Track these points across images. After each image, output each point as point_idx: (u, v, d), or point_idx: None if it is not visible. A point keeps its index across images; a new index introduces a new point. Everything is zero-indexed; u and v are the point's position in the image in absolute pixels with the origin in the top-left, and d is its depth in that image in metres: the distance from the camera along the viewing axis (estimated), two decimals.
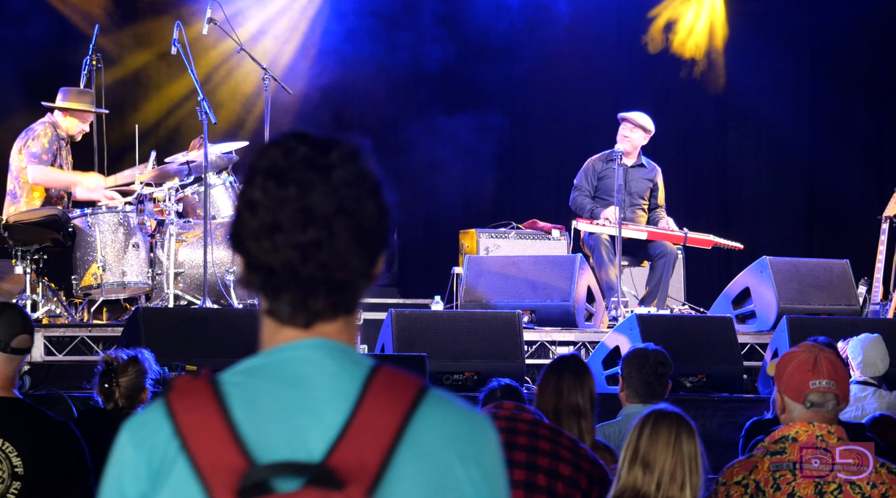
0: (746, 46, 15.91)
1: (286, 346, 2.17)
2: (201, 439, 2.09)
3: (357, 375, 2.15)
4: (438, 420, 2.15)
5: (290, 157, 2.18)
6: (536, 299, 11.24)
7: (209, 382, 2.13)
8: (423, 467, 2.11)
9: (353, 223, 2.17)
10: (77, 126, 11.10)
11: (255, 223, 2.16)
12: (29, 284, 10.53)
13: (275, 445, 2.08)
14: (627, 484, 4.45)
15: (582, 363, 5.61)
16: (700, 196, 16.10)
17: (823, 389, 4.76)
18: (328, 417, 2.11)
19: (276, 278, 2.16)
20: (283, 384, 2.13)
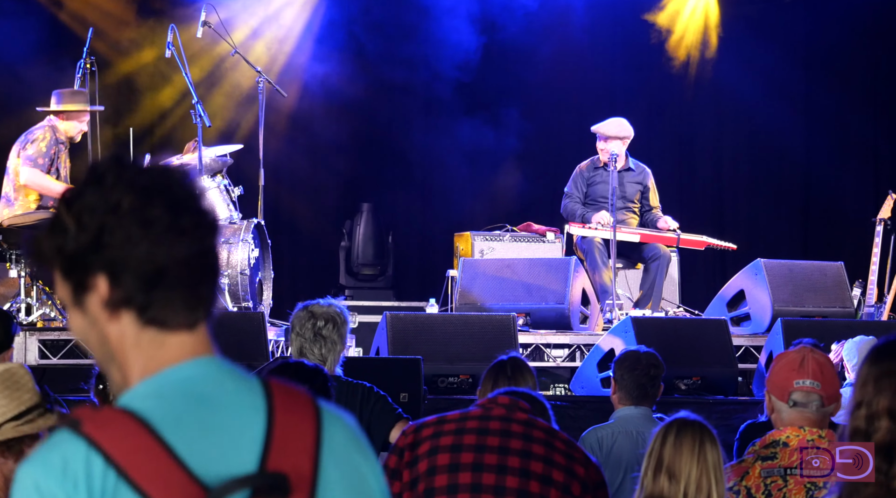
0: (741, 48, 15.91)
1: (176, 368, 2.15)
2: (142, 465, 2.05)
3: (255, 387, 2.16)
4: (337, 426, 2.19)
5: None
6: (531, 302, 11.24)
7: (123, 411, 2.09)
8: (342, 471, 2.15)
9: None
10: (75, 127, 11.09)
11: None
12: (23, 287, 10.52)
13: (211, 462, 2.07)
14: (654, 494, 4.44)
15: (520, 366, 5.55)
16: (695, 199, 16.09)
17: (807, 389, 4.76)
18: (247, 430, 2.11)
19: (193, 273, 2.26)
20: (196, 404, 2.12)
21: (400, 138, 15.20)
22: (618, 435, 6.75)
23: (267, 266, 11.48)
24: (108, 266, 2.13)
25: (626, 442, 6.71)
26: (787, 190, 16.45)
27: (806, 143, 16.31)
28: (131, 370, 2.16)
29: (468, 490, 4.44)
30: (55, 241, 2.15)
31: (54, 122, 11.03)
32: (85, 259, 2.13)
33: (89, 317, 2.17)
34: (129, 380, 2.16)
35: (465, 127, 15.15)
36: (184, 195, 2.17)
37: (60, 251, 2.15)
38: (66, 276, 2.16)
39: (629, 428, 6.77)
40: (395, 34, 14.97)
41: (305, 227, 14.98)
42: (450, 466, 4.48)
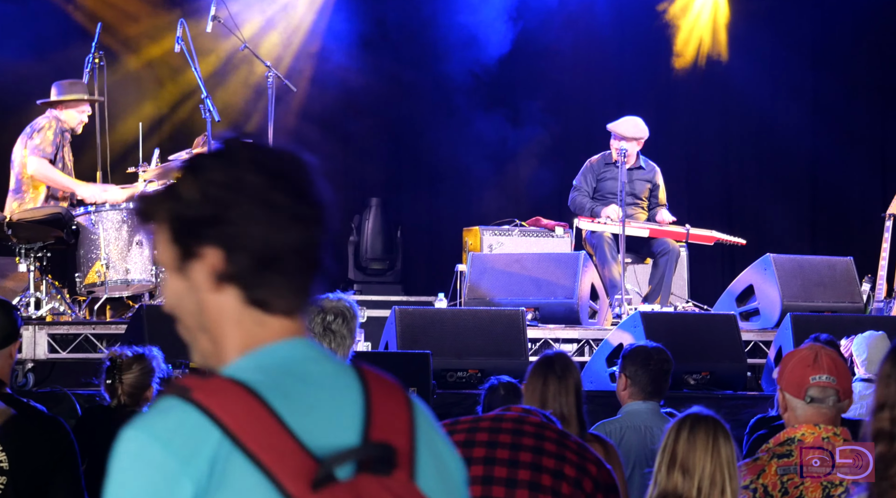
0: (750, 44, 15.89)
1: (275, 347, 2.18)
2: (255, 434, 2.05)
3: (350, 370, 2.20)
4: (422, 411, 2.23)
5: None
6: (540, 297, 11.24)
7: (232, 381, 2.11)
8: (430, 452, 2.18)
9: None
10: (75, 118, 11.11)
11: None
12: (32, 281, 10.53)
13: (319, 435, 2.09)
14: (668, 489, 4.43)
15: (568, 364, 5.56)
16: (703, 194, 16.08)
17: (824, 384, 4.76)
18: (347, 408, 2.14)
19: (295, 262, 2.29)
20: (299, 380, 2.15)
21: (409, 133, 15.20)
22: (626, 430, 6.75)
23: None
24: (225, 241, 2.16)
25: (635, 437, 6.71)
26: (795, 185, 16.43)
27: (814, 138, 16.28)
28: (228, 344, 2.19)
29: (479, 482, 4.45)
30: (172, 205, 2.19)
31: (55, 113, 11.05)
32: (201, 229, 2.16)
33: (190, 284, 2.20)
34: (223, 352, 2.19)
35: (474, 122, 15.14)
36: (307, 184, 2.23)
37: (176, 217, 2.18)
38: (175, 240, 2.19)
39: (637, 423, 6.77)
40: (403, 30, 14.98)
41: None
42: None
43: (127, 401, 6.38)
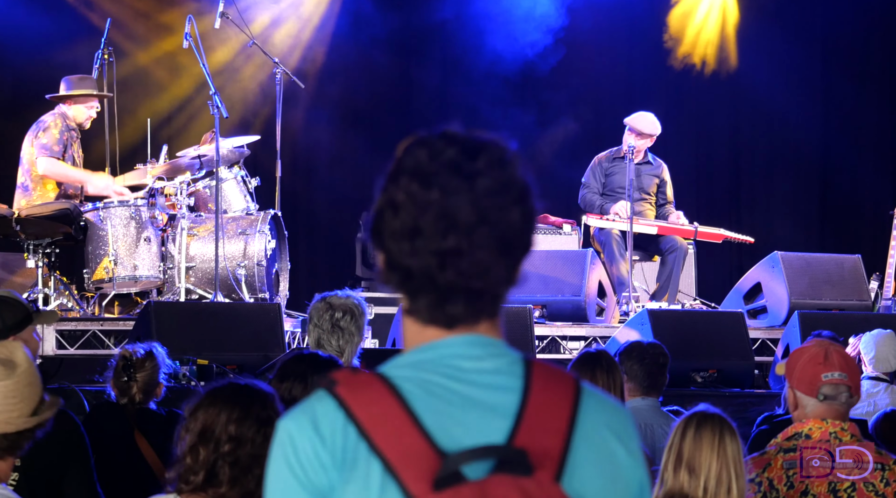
0: (759, 39, 15.88)
1: (440, 343, 2.19)
2: (386, 431, 2.09)
3: (515, 368, 2.18)
4: (597, 409, 2.19)
5: (437, 159, 2.18)
6: (548, 294, 11.24)
7: (379, 377, 2.15)
8: (595, 453, 2.15)
9: (495, 233, 2.16)
10: (83, 113, 11.12)
11: (397, 224, 2.16)
12: (41, 277, 10.54)
13: (457, 436, 2.10)
14: (674, 489, 4.43)
15: (613, 361, 5.60)
16: (712, 191, 16.08)
17: (836, 381, 4.76)
18: (499, 408, 2.13)
19: (413, 281, 2.17)
20: (450, 378, 2.15)
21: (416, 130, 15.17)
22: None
23: (283, 257, 11.48)
24: (383, 250, 2.20)
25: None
26: (804, 183, 16.41)
27: (823, 135, 16.26)
28: (405, 340, 2.23)
29: None
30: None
31: (63, 109, 11.07)
32: (373, 235, 2.21)
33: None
34: (405, 347, 2.24)
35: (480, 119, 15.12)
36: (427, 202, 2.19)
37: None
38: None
39: (638, 421, 6.76)
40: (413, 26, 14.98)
41: (322, 218, 14.99)
42: None
43: (141, 398, 6.40)
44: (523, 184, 2.20)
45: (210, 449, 3.98)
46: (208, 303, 10.38)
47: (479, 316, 2.19)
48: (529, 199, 2.21)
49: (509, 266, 2.19)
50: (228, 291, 10.71)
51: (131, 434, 6.31)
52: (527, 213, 2.20)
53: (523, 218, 2.19)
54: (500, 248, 2.16)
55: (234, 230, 10.97)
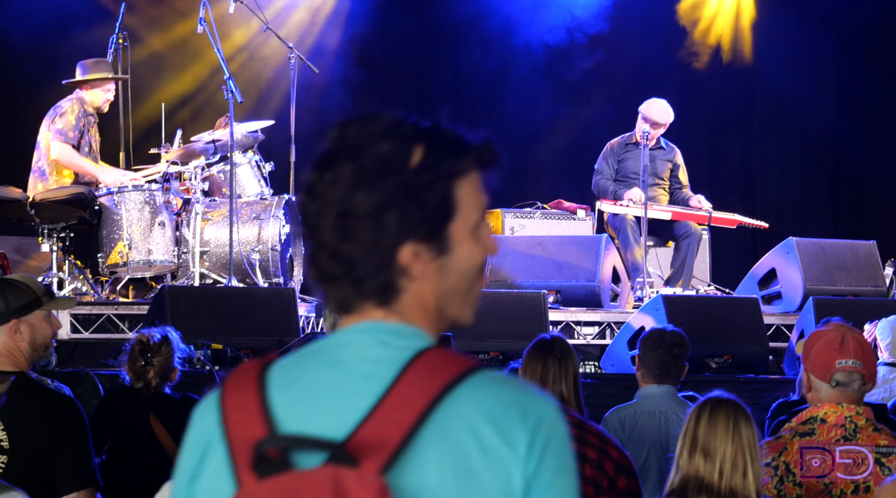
0: (773, 27, 15.84)
1: (340, 331, 2.20)
2: (236, 419, 2.12)
3: (401, 357, 2.14)
4: (475, 401, 2.11)
5: (328, 147, 2.21)
6: (562, 279, 11.23)
7: (258, 366, 2.18)
8: (445, 447, 2.08)
9: (334, 219, 2.16)
10: (101, 97, 11.13)
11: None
12: (55, 261, 10.56)
13: (303, 424, 2.10)
14: (690, 473, 4.43)
15: (566, 346, 5.56)
16: (726, 177, 16.06)
17: (849, 369, 4.75)
18: (360, 398, 2.11)
19: (310, 269, 2.24)
20: (325, 367, 2.15)
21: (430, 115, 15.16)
22: (640, 415, 6.74)
23: (298, 242, 11.49)
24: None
25: (649, 422, 6.70)
26: (818, 169, 16.39)
27: (837, 121, 16.23)
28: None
29: None
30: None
31: (81, 94, 11.07)
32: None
33: None
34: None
35: (495, 104, 15.12)
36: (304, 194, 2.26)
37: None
38: None
39: (652, 407, 6.76)
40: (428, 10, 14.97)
41: None
42: None
43: (157, 382, 6.41)
44: (370, 168, 2.16)
45: None
46: (223, 287, 10.39)
47: (358, 302, 2.18)
48: (381, 183, 2.15)
49: (362, 251, 2.16)
50: (243, 276, 10.72)
51: (147, 418, 6.33)
52: (376, 197, 2.15)
53: (369, 203, 2.15)
54: (342, 233, 2.15)
55: (249, 215, 10.98)
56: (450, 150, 2.22)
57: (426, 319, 2.21)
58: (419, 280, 2.19)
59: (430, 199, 2.17)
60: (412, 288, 2.18)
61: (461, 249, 2.21)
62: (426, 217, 2.17)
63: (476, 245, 2.23)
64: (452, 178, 2.20)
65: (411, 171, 2.17)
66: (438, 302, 2.21)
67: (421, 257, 2.18)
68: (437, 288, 2.21)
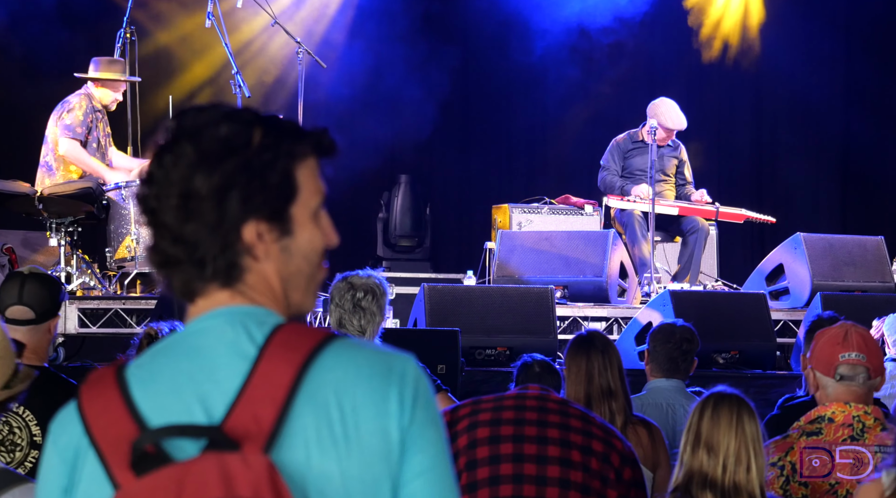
0: (782, 21, 15.82)
1: (191, 322, 2.20)
2: (101, 424, 2.10)
3: (257, 336, 2.14)
4: (337, 367, 2.13)
5: (166, 135, 2.23)
6: (569, 275, 11.23)
7: (114, 370, 2.16)
8: (321, 417, 2.09)
9: (178, 202, 2.15)
10: (110, 96, 11.13)
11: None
12: (63, 256, 10.57)
13: (172, 416, 2.09)
14: (693, 468, 4.44)
15: (607, 340, 5.59)
16: (733, 172, 16.05)
17: (853, 362, 4.75)
18: (226, 382, 2.10)
19: (151, 256, 2.23)
20: (182, 358, 2.14)
21: (439, 110, 15.17)
22: (646, 406, 6.74)
23: None
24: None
25: (655, 413, 6.70)
26: (826, 163, 16.38)
27: (845, 116, 16.21)
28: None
29: (510, 459, 4.46)
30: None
31: (90, 89, 11.07)
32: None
33: None
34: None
35: (502, 100, 15.12)
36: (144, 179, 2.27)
37: None
38: None
39: (659, 400, 6.76)
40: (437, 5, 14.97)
41: (343, 198, 14.99)
42: (490, 438, 4.50)
43: None
44: (210, 149, 2.17)
45: None
46: None
47: (202, 285, 2.19)
48: (217, 163, 2.16)
49: (205, 231, 2.16)
50: None
51: None
52: (214, 178, 2.15)
53: (209, 183, 2.15)
54: (184, 215, 2.15)
55: None
56: (289, 133, 2.24)
57: (273, 301, 2.21)
58: (263, 261, 2.19)
59: (272, 178, 2.18)
60: (256, 268, 2.19)
61: (303, 232, 2.23)
62: (269, 196, 2.18)
63: (317, 230, 2.25)
64: (293, 159, 2.22)
65: (253, 150, 2.18)
66: (283, 284, 2.21)
67: (264, 238, 2.18)
68: (280, 270, 2.21)
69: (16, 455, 4.94)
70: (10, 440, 4.95)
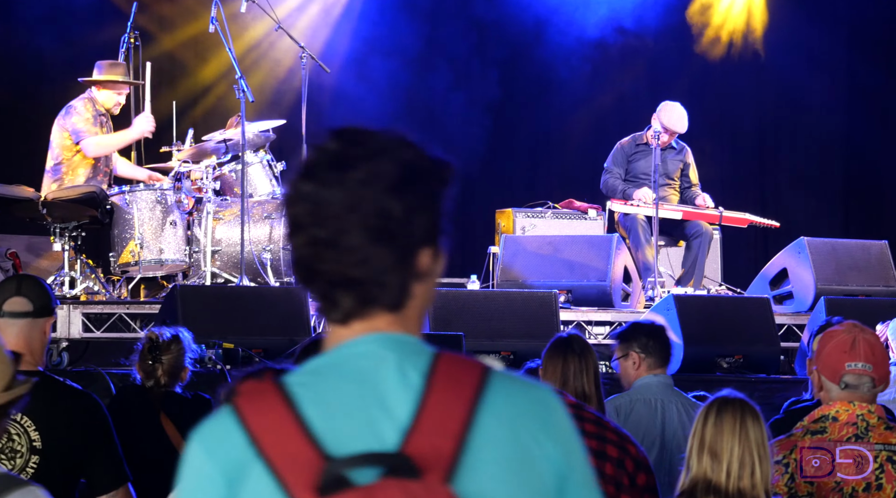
0: (785, 25, 15.82)
1: (346, 344, 2.19)
2: (274, 440, 2.10)
3: (419, 364, 2.16)
4: (508, 402, 2.16)
5: (320, 154, 2.20)
6: (573, 279, 11.22)
7: (275, 385, 2.15)
8: (498, 451, 2.12)
9: (367, 221, 2.15)
10: (112, 99, 11.15)
11: (286, 219, 2.21)
12: (67, 260, 10.58)
13: (347, 440, 2.09)
14: (699, 474, 4.42)
15: (585, 343, 5.57)
16: (737, 176, 16.04)
17: (859, 372, 4.74)
18: (396, 408, 2.12)
19: (302, 274, 2.21)
20: (349, 381, 2.14)
21: (441, 115, 15.18)
22: (636, 403, 6.71)
23: None
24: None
25: (645, 410, 6.68)
26: (829, 168, 16.37)
27: (849, 120, 16.21)
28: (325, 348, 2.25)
29: None
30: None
31: (93, 94, 11.09)
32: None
33: None
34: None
35: (506, 105, 15.12)
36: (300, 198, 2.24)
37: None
38: None
39: (648, 396, 6.73)
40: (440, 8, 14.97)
41: None
42: None
43: (166, 380, 6.41)
44: (402, 172, 2.18)
45: None
46: (234, 287, 10.40)
47: (371, 309, 2.18)
48: (412, 186, 2.18)
49: (394, 254, 2.17)
50: (254, 275, 10.73)
51: (157, 417, 6.33)
52: (408, 200, 2.17)
53: (404, 205, 2.16)
54: (375, 235, 2.15)
55: (260, 214, 10.99)
56: (440, 160, 2.26)
57: (417, 328, 2.24)
58: (422, 288, 2.22)
59: (444, 206, 2.22)
60: (418, 294, 2.21)
61: (442, 258, 2.25)
62: (440, 223, 2.21)
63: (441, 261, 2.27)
64: (445, 186, 2.24)
65: (433, 176, 2.21)
66: (424, 311, 2.26)
67: (429, 265, 2.21)
68: (426, 298, 2.24)
69: (17, 462, 4.93)
70: (10, 447, 4.95)
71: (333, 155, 2.19)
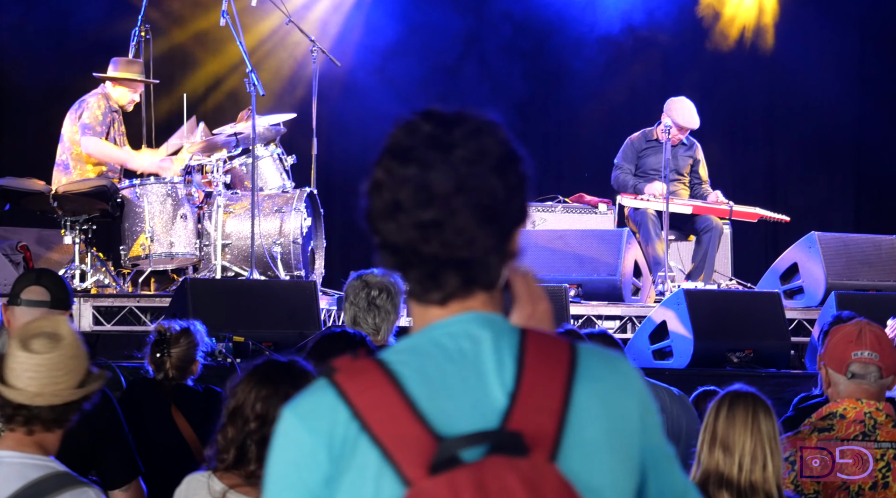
0: (796, 19, 15.79)
1: (441, 323, 2.20)
2: (382, 417, 2.10)
3: (512, 342, 2.17)
4: (596, 377, 2.18)
5: (414, 136, 2.21)
6: (583, 273, 11.23)
7: (377, 363, 2.15)
8: (595, 429, 2.14)
9: (474, 201, 2.16)
10: (127, 96, 11.16)
11: (380, 203, 2.21)
12: (77, 254, 10.59)
13: (453, 418, 2.11)
14: (710, 468, 4.43)
15: (612, 342, 5.55)
16: (747, 170, 16.02)
17: (865, 360, 4.75)
18: (495, 387, 2.13)
19: (402, 257, 2.19)
20: (448, 360, 2.16)
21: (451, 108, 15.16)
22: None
23: (319, 235, 11.50)
24: (375, 232, 2.28)
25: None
26: (840, 162, 16.34)
27: (860, 115, 16.18)
28: (413, 323, 2.26)
29: None
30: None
31: (107, 89, 11.10)
32: (366, 219, 2.32)
33: None
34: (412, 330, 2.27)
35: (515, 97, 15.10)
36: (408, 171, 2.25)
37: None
38: None
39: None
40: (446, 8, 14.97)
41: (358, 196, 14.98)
42: None
43: (174, 374, 6.41)
44: (503, 152, 2.21)
45: (238, 427, 4.02)
46: (244, 280, 10.41)
47: (472, 289, 2.20)
48: (512, 166, 2.21)
49: (496, 234, 2.19)
50: (264, 269, 10.74)
51: (168, 410, 6.33)
52: (509, 180, 2.20)
53: (505, 185, 2.19)
54: (482, 216, 2.17)
55: (270, 208, 10.99)
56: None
57: (503, 308, 2.26)
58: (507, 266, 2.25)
59: (529, 189, 2.24)
60: (503, 275, 2.24)
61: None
62: (527, 203, 2.25)
63: None
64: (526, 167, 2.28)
65: (520, 157, 2.24)
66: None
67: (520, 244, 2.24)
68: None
69: None
70: None
71: (430, 136, 2.20)
